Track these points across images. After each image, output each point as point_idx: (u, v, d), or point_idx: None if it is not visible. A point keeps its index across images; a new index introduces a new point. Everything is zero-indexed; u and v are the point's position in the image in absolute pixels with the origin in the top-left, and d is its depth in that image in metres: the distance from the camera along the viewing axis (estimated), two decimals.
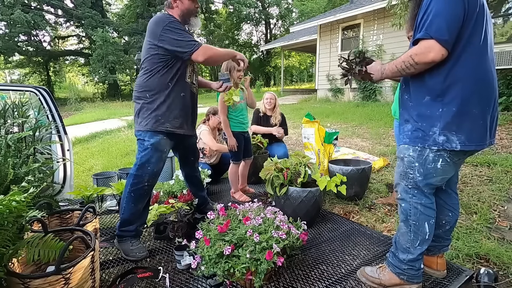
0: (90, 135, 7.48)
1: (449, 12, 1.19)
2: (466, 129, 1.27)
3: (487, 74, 1.28)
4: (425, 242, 1.46)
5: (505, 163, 3.21)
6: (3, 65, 23.65)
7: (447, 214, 1.57)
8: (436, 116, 1.30)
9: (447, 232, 1.60)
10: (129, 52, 22.32)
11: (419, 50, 1.22)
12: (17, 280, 1.16)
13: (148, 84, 1.85)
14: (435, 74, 1.29)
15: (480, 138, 1.29)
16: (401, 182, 1.48)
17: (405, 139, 1.43)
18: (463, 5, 1.19)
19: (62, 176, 2.72)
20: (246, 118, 2.77)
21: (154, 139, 1.85)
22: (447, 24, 1.18)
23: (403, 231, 1.50)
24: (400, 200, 1.50)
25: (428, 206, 1.43)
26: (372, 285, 1.58)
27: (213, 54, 1.80)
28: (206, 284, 1.61)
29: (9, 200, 1.15)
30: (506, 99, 5.75)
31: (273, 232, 1.57)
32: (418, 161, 1.38)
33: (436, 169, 1.35)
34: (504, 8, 7.39)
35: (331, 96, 10.85)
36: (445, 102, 1.28)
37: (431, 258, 1.65)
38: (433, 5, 1.21)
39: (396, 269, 1.53)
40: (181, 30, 1.77)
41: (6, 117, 2.18)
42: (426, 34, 1.20)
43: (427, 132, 1.33)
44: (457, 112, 1.26)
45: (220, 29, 28.01)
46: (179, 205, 2.24)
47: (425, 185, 1.41)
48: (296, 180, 2.26)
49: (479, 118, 1.27)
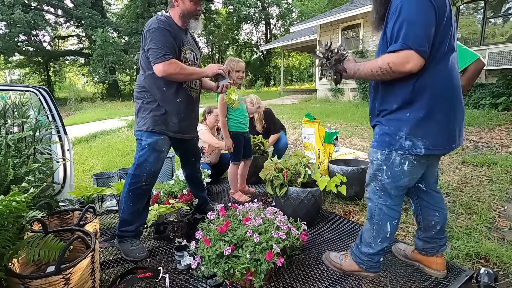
0: (90, 135, 7.47)
1: (423, 20, 1.18)
2: (431, 134, 1.32)
3: (452, 81, 1.31)
4: (386, 239, 1.54)
5: (505, 163, 3.21)
6: (3, 65, 23.65)
7: (435, 215, 1.60)
8: (403, 122, 1.34)
9: (439, 232, 1.61)
10: (129, 52, 22.30)
11: (398, 59, 1.21)
12: (17, 280, 1.16)
13: (146, 85, 1.85)
14: (405, 84, 1.31)
15: (444, 143, 1.34)
16: (371, 183, 1.54)
17: (374, 143, 1.48)
18: (434, 12, 1.19)
19: (62, 176, 2.72)
20: (246, 119, 2.76)
21: (152, 139, 1.85)
22: (425, 33, 1.18)
23: (367, 228, 1.60)
24: (368, 199, 1.58)
25: (392, 208, 1.50)
26: (333, 269, 1.73)
27: (174, 73, 1.75)
28: (206, 284, 1.61)
29: (9, 200, 1.15)
30: (506, 99, 5.74)
31: (273, 233, 1.57)
32: (386, 164, 1.43)
33: (403, 171, 1.40)
34: (504, 8, 7.38)
35: (331, 96, 10.85)
36: (413, 109, 1.32)
37: (430, 258, 1.65)
38: (405, 12, 1.19)
39: (357, 258, 1.64)
40: (159, 38, 1.72)
41: (6, 117, 2.18)
42: (405, 45, 1.18)
43: (393, 137, 1.37)
44: (423, 118, 1.30)
45: (220, 29, 28.01)
46: (179, 205, 2.24)
47: (393, 188, 1.46)
48: (296, 180, 2.26)
49: (444, 124, 1.32)
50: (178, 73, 1.77)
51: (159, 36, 1.73)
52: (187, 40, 1.94)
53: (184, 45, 1.88)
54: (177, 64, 1.76)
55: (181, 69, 1.78)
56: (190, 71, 1.84)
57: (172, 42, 1.78)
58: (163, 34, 1.74)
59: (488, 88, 6.34)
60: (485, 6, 7.24)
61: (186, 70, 1.81)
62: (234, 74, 2.57)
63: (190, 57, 1.94)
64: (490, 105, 5.88)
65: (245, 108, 2.78)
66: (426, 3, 1.18)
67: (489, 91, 6.20)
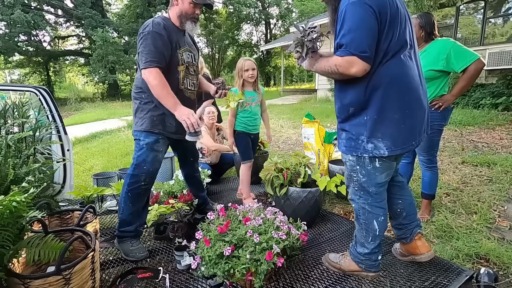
0: (90, 135, 7.47)
1: (365, 26, 1.23)
2: (389, 134, 1.34)
3: (405, 78, 1.33)
4: (377, 237, 1.56)
5: (505, 163, 3.21)
6: (3, 65, 23.63)
7: (398, 203, 1.64)
8: (362, 125, 1.37)
9: (406, 217, 1.65)
10: (129, 52, 22.28)
11: (343, 63, 1.27)
12: (17, 281, 1.16)
13: (143, 86, 1.84)
14: (356, 87, 1.35)
15: (404, 141, 1.36)
16: (349, 184, 1.57)
17: (342, 147, 1.51)
18: (375, 17, 1.22)
19: (62, 176, 2.72)
20: (254, 121, 2.67)
21: (149, 139, 1.86)
22: (367, 39, 1.23)
23: (357, 228, 1.63)
24: (351, 201, 1.63)
25: (374, 205, 1.52)
26: (333, 270, 1.73)
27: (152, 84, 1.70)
28: (206, 284, 1.61)
29: (9, 200, 1.15)
30: (506, 99, 5.73)
31: (273, 233, 1.57)
32: (359, 164, 1.46)
33: (376, 168, 1.43)
34: (504, 8, 7.38)
35: (331, 96, 10.84)
36: (368, 111, 1.35)
37: (410, 244, 1.69)
38: (348, 20, 1.24)
39: (355, 258, 1.66)
40: (149, 42, 1.71)
41: (6, 117, 2.18)
42: (347, 52, 1.24)
43: (357, 141, 1.41)
44: (378, 119, 1.33)
45: (220, 29, 27.99)
46: (179, 205, 2.24)
47: (371, 185, 1.48)
48: (296, 180, 2.26)
49: (400, 122, 1.34)
50: (155, 86, 1.70)
51: (149, 41, 1.72)
52: (184, 41, 1.93)
53: (180, 47, 1.88)
54: (158, 76, 1.70)
55: (159, 85, 1.69)
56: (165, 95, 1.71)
57: (161, 48, 1.74)
58: (154, 39, 1.72)
59: (488, 88, 6.34)
60: (485, 6, 7.23)
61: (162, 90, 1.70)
62: (244, 74, 2.51)
63: (188, 58, 1.93)
64: (490, 105, 5.88)
65: (256, 111, 2.68)
66: (366, 10, 1.22)
67: (489, 91, 6.19)
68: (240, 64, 2.56)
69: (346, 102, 1.42)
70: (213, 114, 3.36)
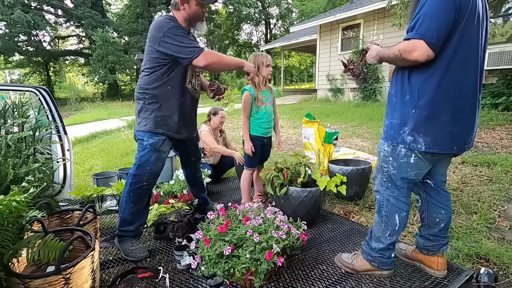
0: (90, 135, 7.47)
1: (441, 14, 1.22)
2: (433, 133, 1.34)
3: (466, 85, 1.32)
4: (395, 233, 1.55)
5: (505, 163, 3.20)
6: (3, 65, 23.65)
7: (440, 212, 1.61)
8: (409, 117, 1.37)
9: (443, 230, 1.62)
10: (129, 52, 22.29)
11: (407, 47, 1.27)
12: (17, 280, 1.16)
13: (148, 86, 1.84)
14: (418, 76, 1.34)
15: (444, 143, 1.35)
16: (378, 175, 1.57)
17: (382, 135, 1.51)
18: (454, 9, 1.21)
19: (62, 176, 2.72)
20: (269, 124, 2.49)
21: (153, 139, 1.86)
22: (437, 26, 1.21)
23: (376, 221, 1.62)
24: (376, 192, 1.61)
25: (399, 199, 1.52)
26: (346, 270, 1.72)
27: (216, 61, 1.78)
28: (206, 284, 1.61)
29: (9, 200, 1.15)
30: (506, 99, 5.74)
31: (273, 232, 1.57)
32: (392, 156, 1.46)
33: (409, 163, 1.42)
34: (504, 8, 7.38)
35: (331, 96, 10.85)
36: (419, 105, 1.34)
37: (431, 257, 1.66)
38: (426, 6, 1.24)
39: (368, 256, 1.64)
40: (181, 36, 1.73)
41: (6, 117, 2.18)
42: (416, 35, 1.24)
43: (397, 131, 1.41)
44: (428, 116, 1.32)
45: (220, 29, 28.00)
46: (179, 205, 2.24)
47: (399, 179, 1.48)
48: (296, 180, 2.26)
49: (447, 124, 1.33)
50: (219, 62, 1.81)
51: (181, 34, 1.74)
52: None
53: None
54: (215, 54, 1.82)
55: (221, 57, 1.83)
56: (229, 60, 1.92)
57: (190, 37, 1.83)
58: (182, 32, 1.76)
59: (488, 88, 6.34)
60: None
61: (224, 59, 1.86)
62: (265, 69, 2.33)
63: None
64: (490, 105, 5.88)
65: (270, 111, 2.50)
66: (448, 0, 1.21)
67: (489, 91, 6.19)
68: (263, 59, 2.32)
69: (404, 89, 1.39)
70: (224, 119, 3.38)
